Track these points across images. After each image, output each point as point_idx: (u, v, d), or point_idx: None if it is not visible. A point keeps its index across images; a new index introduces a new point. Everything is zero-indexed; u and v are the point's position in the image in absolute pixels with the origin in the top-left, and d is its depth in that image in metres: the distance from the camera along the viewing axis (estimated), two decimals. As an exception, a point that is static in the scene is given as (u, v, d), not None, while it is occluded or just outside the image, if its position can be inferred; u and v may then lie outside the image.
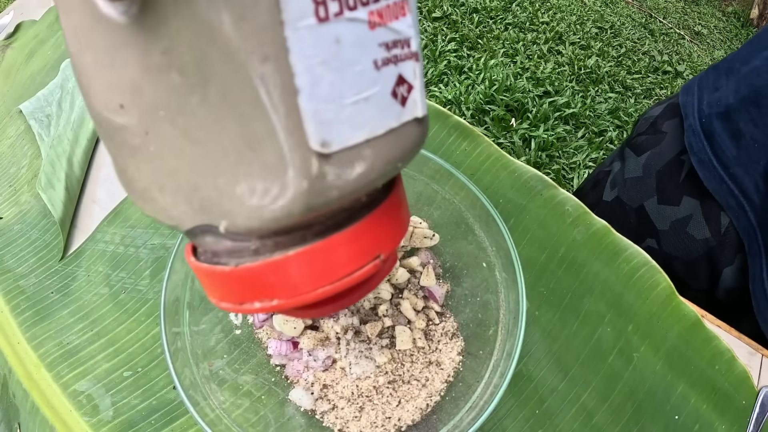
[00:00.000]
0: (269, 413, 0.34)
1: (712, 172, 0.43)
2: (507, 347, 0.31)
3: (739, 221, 0.42)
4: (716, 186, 0.43)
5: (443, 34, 1.78)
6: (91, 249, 0.46)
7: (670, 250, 0.47)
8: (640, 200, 0.50)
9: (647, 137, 0.52)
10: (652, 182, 0.49)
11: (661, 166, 0.49)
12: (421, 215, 0.40)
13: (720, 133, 0.43)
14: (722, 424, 0.34)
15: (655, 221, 0.48)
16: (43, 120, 0.55)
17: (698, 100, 0.46)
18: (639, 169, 0.51)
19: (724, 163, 0.42)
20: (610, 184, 0.55)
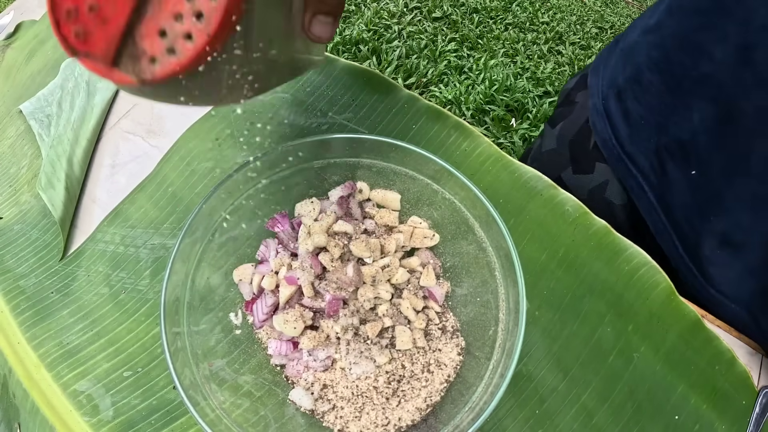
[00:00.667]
0: (269, 413, 0.34)
1: (612, 151, 0.44)
2: (507, 347, 0.31)
3: (640, 201, 0.43)
4: (617, 165, 0.44)
5: (443, 34, 1.78)
6: (91, 249, 0.46)
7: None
8: (557, 172, 0.51)
9: (561, 109, 0.53)
10: (566, 153, 0.50)
11: (572, 135, 0.49)
12: (421, 215, 0.40)
13: (615, 113, 0.44)
14: (722, 424, 0.34)
15: (574, 191, 0.48)
16: (43, 120, 0.55)
17: (602, 79, 0.46)
18: (554, 141, 0.52)
19: (621, 143, 0.43)
20: (530, 160, 0.56)
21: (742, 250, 0.37)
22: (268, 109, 0.51)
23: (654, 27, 0.41)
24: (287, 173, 0.40)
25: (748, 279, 0.37)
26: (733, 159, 0.35)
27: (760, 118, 0.32)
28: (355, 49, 1.72)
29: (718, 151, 0.36)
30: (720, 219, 0.37)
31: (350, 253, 0.36)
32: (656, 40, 0.40)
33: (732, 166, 0.35)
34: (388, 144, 0.38)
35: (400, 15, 1.84)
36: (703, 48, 0.35)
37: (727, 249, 0.38)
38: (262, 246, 0.40)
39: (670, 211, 0.41)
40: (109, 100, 0.57)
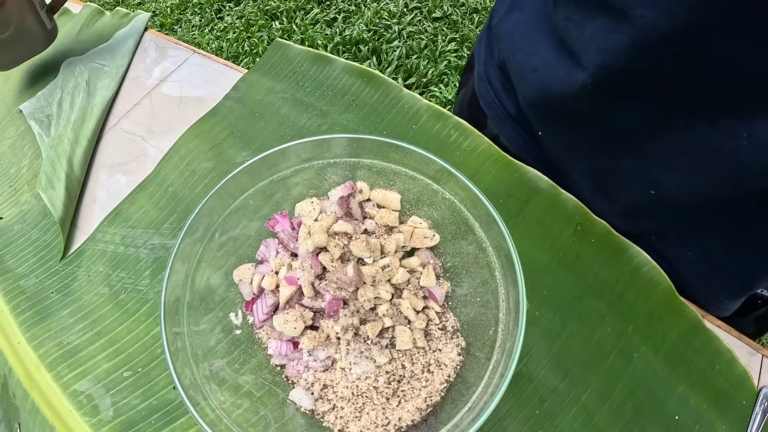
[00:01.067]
0: (269, 413, 0.34)
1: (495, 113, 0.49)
2: (507, 347, 0.31)
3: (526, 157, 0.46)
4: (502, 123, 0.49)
5: (443, 34, 1.78)
6: (91, 249, 0.46)
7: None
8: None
9: (464, 76, 0.58)
10: (465, 114, 0.54)
11: (469, 97, 0.53)
12: (421, 215, 0.40)
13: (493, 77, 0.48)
14: (722, 424, 0.33)
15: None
16: (43, 120, 0.55)
17: (483, 46, 0.51)
18: (458, 107, 0.56)
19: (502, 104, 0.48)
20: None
21: (614, 193, 0.40)
22: (268, 109, 0.51)
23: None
24: (287, 173, 0.40)
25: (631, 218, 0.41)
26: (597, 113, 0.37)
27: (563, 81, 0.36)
28: (355, 49, 1.72)
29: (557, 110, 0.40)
30: (588, 163, 0.42)
31: (350, 253, 0.36)
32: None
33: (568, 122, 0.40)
34: (388, 144, 0.38)
35: (400, 15, 1.84)
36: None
37: (602, 195, 0.41)
38: (262, 246, 0.40)
39: (554, 164, 0.45)
40: (109, 100, 0.57)
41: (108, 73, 0.59)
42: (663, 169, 0.35)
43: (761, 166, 0.29)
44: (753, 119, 0.28)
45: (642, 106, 0.33)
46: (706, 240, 0.38)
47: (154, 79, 0.59)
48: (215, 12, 1.99)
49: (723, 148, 0.30)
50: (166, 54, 0.61)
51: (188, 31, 1.94)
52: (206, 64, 0.58)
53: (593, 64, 0.32)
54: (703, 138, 0.31)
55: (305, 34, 1.78)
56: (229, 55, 1.79)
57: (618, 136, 0.37)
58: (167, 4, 2.05)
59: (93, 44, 0.63)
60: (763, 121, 0.28)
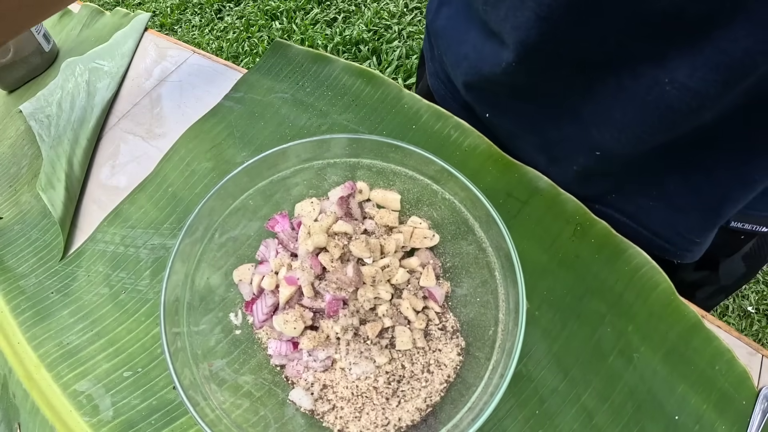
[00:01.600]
0: (269, 413, 0.34)
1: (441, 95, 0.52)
2: (507, 347, 0.31)
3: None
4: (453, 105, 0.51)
5: (443, 35, 1.78)
6: (91, 249, 0.46)
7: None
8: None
9: (419, 71, 0.62)
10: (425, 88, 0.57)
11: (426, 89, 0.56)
12: (421, 215, 0.40)
13: (437, 71, 0.52)
14: (722, 424, 0.33)
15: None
16: (43, 120, 0.55)
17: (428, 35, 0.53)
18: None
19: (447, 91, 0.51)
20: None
21: (563, 161, 0.42)
22: (268, 109, 0.51)
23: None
24: (287, 173, 0.40)
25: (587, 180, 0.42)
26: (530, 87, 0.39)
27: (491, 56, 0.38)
28: (355, 49, 1.72)
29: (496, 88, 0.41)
30: (534, 136, 0.43)
31: (350, 253, 0.36)
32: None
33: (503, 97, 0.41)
34: (388, 144, 0.38)
35: (400, 15, 1.83)
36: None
37: (554, 164, 0.43)
38: (262, 246, 0.40)
39: (507, 140, 0.46)
40: (109, 100, 0.57)
41: (108, 73, 0.59)
42: (602, 129, 0.36)
43: (688, 106, 0.30)
44: (671, 63, 0.29)
45: (567, 72, 0.35)
46: (664, 183, 0.39)
47: (154, 79, 0.59)
48: (215, 12, 1.99)
49: (649, 96, 0.31)
50: (166, 54, 0.61)
51: (188, 31, 1.94)
52: (206, 64, 0.58)
53: (513, 41, 0.34)
54: (630, 91, 0.32)
55: (305, 34, 1.78)
56: (229, 55, 1.79)
57: (555, 105, 0.38)
58: (167, 4, 2.05)
59: (93, 44, 0.63)
60: (680, 62, 0.29)
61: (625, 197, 0.42)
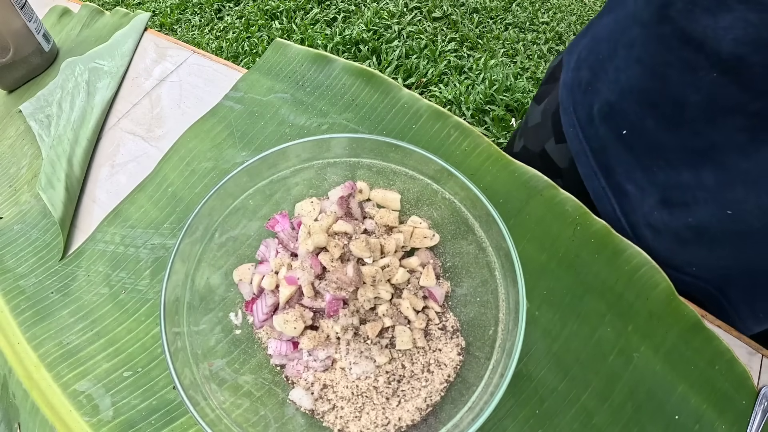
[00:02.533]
0: (269, 413, 0.34)
1: (569, 117, 0.47)
2: (507, 347, 0.31)
3: (582, 167, 0.45)
4: (569, 131, 0.46)
5: (443, 34, 1.78)
6: (91, 249, 0.46)
7: (573, 186, 0.49)
8: (541, 144, 0.53)
9: (546, 86, 0.55)
10: (549, 125, 0.52)
11: (554, 108, 0.51)
12: (421, 215, 0.40)
13: (572, 82, 0.46)
14: (722, 424, 0.33)
15: (557, 161, 0.51)
16: (43, 120, 0.55)
17: (569, 60, 0.49)
18: (538, 116, 0.54)
19: (575, 108, 0.46)
20: (518, 137, 0.59)
21: (679, 210, 0.38)
22: (268, 109, 0.51)
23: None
24: (287, 173, 0.40)
25: (684, 243, 0.38)
26: (665, 114, 0.36)
27: (684, 68, 0.34)
28: (355, 49, 1.72)
29: (650, 108, 0.37)
30: (659, 175, 0.39)
31: (350, 253, 0.36)
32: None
33: (665, 121, 0.37)
34: (388, 144, 0.38)
35: (400, 15, 1.83)
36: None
37: (665, 209, 0.39)
38: (262, 246, 0.40)
39: (611, 174, 0.43)
40: (109, 100, 0.57)
41: (108, 73, 0.59)
42: (751, 189, 0.33)
43: None
44: None
45: (762, 110, 0.31)
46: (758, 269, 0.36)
47: (153, 79, 0.59)
48: (215, 12, 1.99)
49: None
50: (166, 54, 0.61)
51: (188, 31, 1.94)
52: (206, 64, 0.58)
53: (727, 53, 0.30)
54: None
55: (305, 34, 1.78)
56: (229, 55, 1.79)
57: (714, 144, 0.34)
58: (167, 4, 2.05)
59: (93, 44, 0.63)
60: None
61: (708, 271, 0.39)
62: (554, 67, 0.55)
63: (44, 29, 0.61)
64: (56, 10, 0.72)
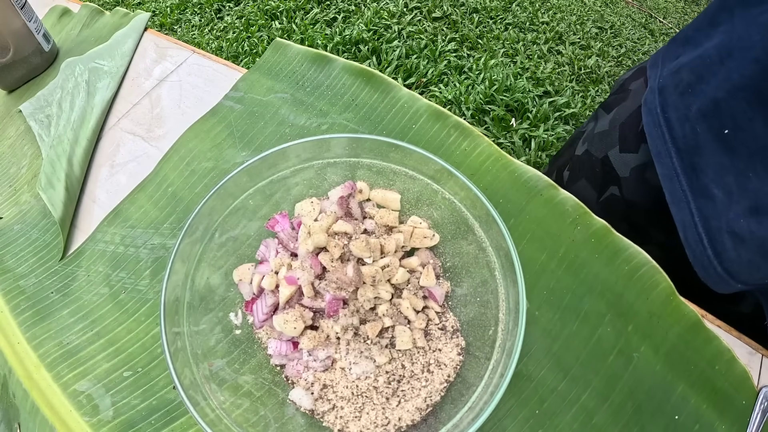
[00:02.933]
0: (269, 413, 0.34)
1: (653, 117, 0.45)
2: (507, 347, 0.31)
3: (662, 168, 0.44)
4: (652, 130, 0.45)
5: (443, 34, 1.78)
6: (91, 249, 0.46)
7: (630, 196, 0.50)
8: (605, 150, 0.53)
9: (616, 96, 0.56)
10: (615, 134, 0.52)
11: (624, 118, 0.52)
12: (421, 215, 0.40)
13: (668, 86, 0.45)
14: (722, 424, 0.33)
15: (618, 169, 0.51)
16: (43, 120, 0.55)
17: (661, 69, 0.48)
18: (606, 124, 0.54)
19: (664, 109, 0.45)
20: (581, 141, 0.59)
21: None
22: (268, 109, 0.51)
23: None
24: (287, 173, 0.40)
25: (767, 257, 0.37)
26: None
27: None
28: (355, 49, 1.72)
29: (761, 107, 0.36)
30: (755, 181, 0.37)
31: (350, 253, 0.36)
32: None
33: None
34: (388, 144, 0.38)
35: (400, 15, 1.83)
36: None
37: (753, 217, 0.37)
38: (262, 246, 0.40)
39: (697, 176, 0.41)
40: (109, 100, 0.57)
41: (108, 73, 0.59)
42: None
43: None
44: None
45: None
46: None
47: (153, 79, 0.59)
48: (215, 12, 1.99)
49: None
50: (166, 54, 0.61)
51: (188, 31, 1.94)
52: (206, 64, 0.58)
53: None
54: None
55: (305, 34, 1.78)
56: (228, 55, 1.79)
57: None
58: (167, 4, 2.05)
59: (93, 44, 0.63)
60: None
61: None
62: (626, 79, 0.56)
63: (44, 29, 0.61)
64: (56, 10, 0.72)
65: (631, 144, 0.49)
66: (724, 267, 0.38)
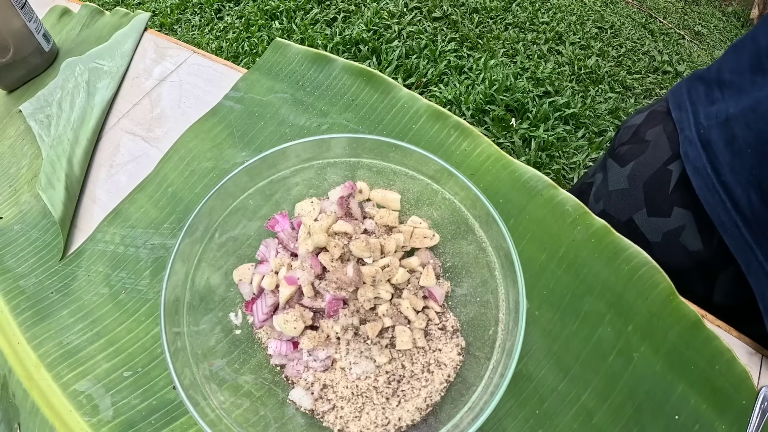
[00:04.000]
0: (269, 413, 0.34)
1: (705, 179, 0.42)
2: (507, 347, 0.31)
3: (731, 239, 0.40)
4: (708, 196, 0.42)
5: (443, 34, 1.78)
6: (91, 249, 0.46)
7: (665, 259, 0.45)
8: (629, 213, 0.49)
9: (630, 146, 0.51)
10: (639, 194, 0.48)
11: (647, 177, 0.47)
12: (421, 215, 0.40)
13: (716, 140, 0.41)
14: (722, 424, 0.33)
15: (647, 234, 0.47)
16: (43, 120, 0.55)
17: (693, 114, 0.44)
18: (624, 181, 0.50)
19: (718, 170, 0.41)
20: (594, 197, 0.54)
21: None
22: (268, 109, 0.51)
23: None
24: (287, 173, 0.40)
25: None
26: None
27: None
28: (355, 49, 1.72)
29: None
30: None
31: (350, 253, 0.36)
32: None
33: None
34: (388, 144, 0.38)
35: (400, 15, 1.84)
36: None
37: None
38: (262, 246, 0.40)
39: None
40: (108, 100, 0.57)
41: (108, 73, 0.59)
42: None
43: None
44: None
45: None
46: None
47: (153, 79, 0.59)
48: (215, 12, 1.99)
49: None
50: (166, 54, 0.61)
51: (188, 31, 1.94)
52: (206, 64, 0.58)
53: None
54: None
55: (305, 34, 1.78)
56: (228, 55, 1.79)
57: None
58: (167, 4, 2.05)
59: (93, 44, 0.63)
60: None
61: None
62: (638, 126, 0.50)
63: (44, 29, 0.61)
64: (56, 10, 0.72)
65: (662, 207, 0.46)
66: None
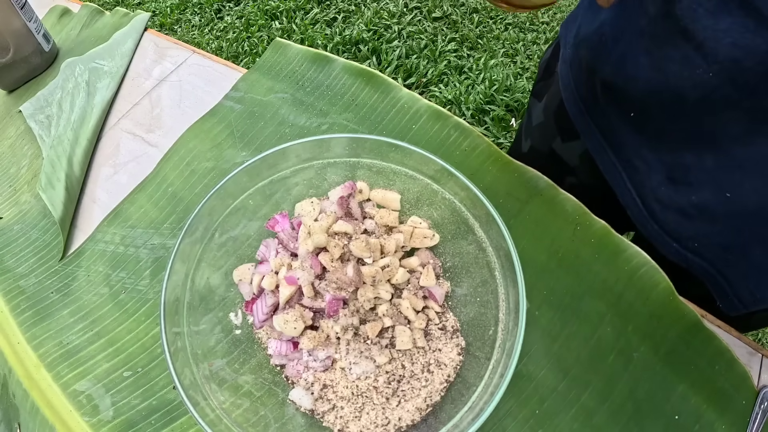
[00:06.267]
0: (269, 413, 0.34)
1: (569, 91, 0.46)
2: (507, 347, 0.31)
3: (592, 143, 0.45)
4: (572, 106, 0.46)
5: (443, 34, 1.78)
6: (91, 249, 0.46)
7: (588, 182, 0.50)
8: (549, 143, 0.52)
9: (543, 82, 0.55)
10: (552, 123, 0.52)
11: (555, 106, 0.51)
12: (421, 215, 0.40)
13: (574, 61, 0.46)
14: (722, 424, 0.33)
15: (566, 159, 0.51)
16: (43, 121, 0.55)
17: (577, 27, 0.47)
18: (541, 115, 0.54)
19: (577, 85, 0.45)
20: (524, 136, 0.58)
21: (683, 188, 0.39)
22: (268, 109, 0.51)
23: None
24: (287, 173, 0.40)
25: (689, 218, 0.39)
26: (667, 105, 0.37)
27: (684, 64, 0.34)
28: (355, 49, 1.72)
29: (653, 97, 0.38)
30: (665, 155, 0.39)
31: (350, 253, 0.36)
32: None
33: (668, 111, 0.37)
34: (388, 144, 0.38)
35: (400, 15, 1.84)
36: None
37: (671, 186, 0.40)
38: (262, 246, 0.40)
39: (620, 150, 0.43)
40: (109, 100, 0.57)
41: (108, 73, 0.59)
42: (747, 174, 0.34)
43: None
44: None
45: (756, 106, 0.32)
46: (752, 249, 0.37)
47: (153, 79, 0.59)
48: (215, 12, 1.99)
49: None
50: (166, 54, 0.61)
51: (188, 31, 1.94)
52: (206, 64, 0.58)
53: (724, 55, 0.31)
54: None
55: (305, 34, 1.78)
56: (228, 55, 1.79)
57: (714, 133, 0.36)
58: (167, 4, 2.05)
59: (93, 44, 0.63)
60: None
61: (709, 249, 0.40)
62: (548, 60, 0.54)
63: (44, 29, 0.61)
64: (56, 10, 0.72)
65: (571, 131, 0.49)
66: (659, 225, 0.41)
